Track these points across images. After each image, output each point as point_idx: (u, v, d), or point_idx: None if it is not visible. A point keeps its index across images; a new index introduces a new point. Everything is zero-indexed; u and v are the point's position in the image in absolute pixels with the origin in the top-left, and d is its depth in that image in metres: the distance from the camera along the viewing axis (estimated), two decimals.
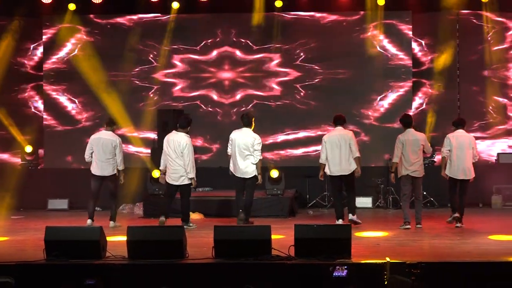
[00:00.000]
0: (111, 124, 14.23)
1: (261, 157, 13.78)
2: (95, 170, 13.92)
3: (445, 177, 13.58)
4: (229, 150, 13.86)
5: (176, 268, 9.30)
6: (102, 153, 13.82)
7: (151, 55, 18.41)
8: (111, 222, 13.87)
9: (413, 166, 13.42)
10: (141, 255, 9.50)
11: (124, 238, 9.80)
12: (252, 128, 13.84)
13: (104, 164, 13.83)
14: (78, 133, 18.25)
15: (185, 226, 12.42)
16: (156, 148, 16.37)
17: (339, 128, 13.71)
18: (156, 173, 15.46)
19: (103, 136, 14.01)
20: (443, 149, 13.64)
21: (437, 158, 16.49)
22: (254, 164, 13.66)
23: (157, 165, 14.60)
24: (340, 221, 13.43)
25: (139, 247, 9.56)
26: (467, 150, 13.43)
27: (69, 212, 16.93)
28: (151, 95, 18.35)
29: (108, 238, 10.16)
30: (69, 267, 9.27)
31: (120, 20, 18.51)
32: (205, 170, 16.91)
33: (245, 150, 13.64)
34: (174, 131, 13.80)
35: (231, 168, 13.86)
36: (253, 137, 13.72)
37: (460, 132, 13.65)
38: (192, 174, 13.58)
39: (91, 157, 13.93)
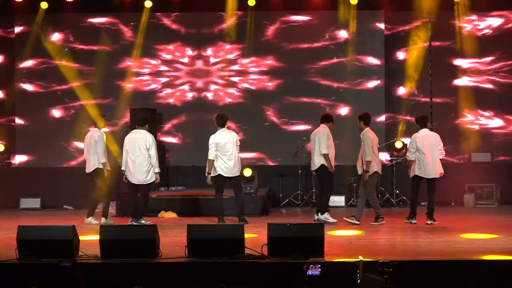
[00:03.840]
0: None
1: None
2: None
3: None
4: (212, 154, 13.72)
5: (149, 267, 9.26)
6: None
7: (124, 54, 18.34)
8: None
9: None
10: (113, 254, 9.45)
11: (96, 237, 9.76)
12: (226, 127, 13.90)
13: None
14: (51, 131, 18.16)
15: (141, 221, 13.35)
16: None
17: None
18: None
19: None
20: (408, 153, 13.81)
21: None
22: (237, 161, 13.80)
23: None
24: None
25: (111, 246, 9.52)
26: (434, 149, 13.58)
27: (41, 211, 16.87)
28: (124, 93, 18.28)
29: (81, 237, 10.11)
30: (42, 267, 9.21)
31: (93, 18, 18.44)
32: (178, 169, 16.88)
33: (230, 149, 13.69)
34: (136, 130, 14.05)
35: (217, 170, 13.72)
36: (233, 135, 13.90)
37: (424, 131, 13.83)
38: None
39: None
